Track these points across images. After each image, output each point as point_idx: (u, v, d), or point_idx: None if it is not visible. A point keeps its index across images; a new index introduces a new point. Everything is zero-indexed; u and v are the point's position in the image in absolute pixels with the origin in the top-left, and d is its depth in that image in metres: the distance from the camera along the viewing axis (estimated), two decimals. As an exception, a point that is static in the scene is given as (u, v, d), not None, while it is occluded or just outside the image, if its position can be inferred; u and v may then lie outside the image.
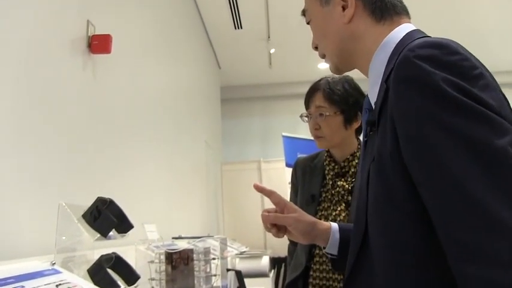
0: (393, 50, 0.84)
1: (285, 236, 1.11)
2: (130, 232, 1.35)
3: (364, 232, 0.83)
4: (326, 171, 1.68)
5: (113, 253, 1.26)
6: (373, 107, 0.87)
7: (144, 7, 2.66)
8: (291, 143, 4.41)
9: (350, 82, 1.64)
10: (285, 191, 4.48)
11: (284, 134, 4.55)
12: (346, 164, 1.65)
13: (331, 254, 1.09)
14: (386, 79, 0.81)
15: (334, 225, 1.09)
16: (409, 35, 0.85)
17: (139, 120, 2.42)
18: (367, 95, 0.92)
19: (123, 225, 1.28)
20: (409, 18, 0.92)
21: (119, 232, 1.30)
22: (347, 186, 1.61)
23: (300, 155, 4.21)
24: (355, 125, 1.64)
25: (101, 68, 1.87)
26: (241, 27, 5.10)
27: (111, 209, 1.23)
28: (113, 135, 2.00)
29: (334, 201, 1.63)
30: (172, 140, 3.19)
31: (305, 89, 1.73)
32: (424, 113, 0.69)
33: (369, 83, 0.90)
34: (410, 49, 0.74)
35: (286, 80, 6.90)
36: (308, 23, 1.03)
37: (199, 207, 4.17)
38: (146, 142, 2.54)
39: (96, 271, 1.10)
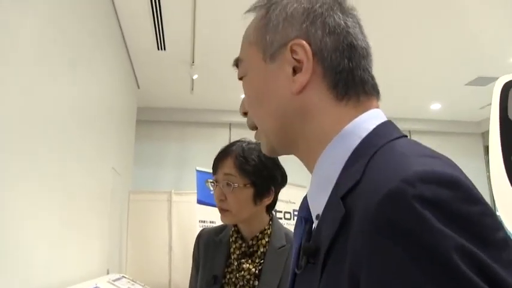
0: (356, 148, 0.60)
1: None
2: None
3: None
4: (232, 250, 1.46)
5: None
6: (314, 221, 0.63)
7: (45, 6, 2.29)
8: (205, 178, 4.12)
9: None
10: (194, 228, 4.17)
11: (198, 168, 4.26)
12: (254, 242, 1.45)
13: None
14: (344, 195, 0.55)
15: None
16: (381, 130, 0.61)
17: (24, 143, 2.02)
18: (305, 198, 0.68)
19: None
20: (378, 99, 0.67)
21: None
22: (253, 269, 1.41)
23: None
24: (266, 201, 1.45)
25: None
26: (164, 49, 4.83)
27: None
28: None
29: (238, 286, 1.42)
30: (70, 166, 2.78)
31: (226, 118, 1.58)
32: None
33: (312, 182, 0.64)
34: (409, 181, 0.47)
35: (207, 107, 6.69)
36: (240, 79, 0.73)
37: (100, 242, 3.73)
38: (33, 168, 2.13)
39: None
